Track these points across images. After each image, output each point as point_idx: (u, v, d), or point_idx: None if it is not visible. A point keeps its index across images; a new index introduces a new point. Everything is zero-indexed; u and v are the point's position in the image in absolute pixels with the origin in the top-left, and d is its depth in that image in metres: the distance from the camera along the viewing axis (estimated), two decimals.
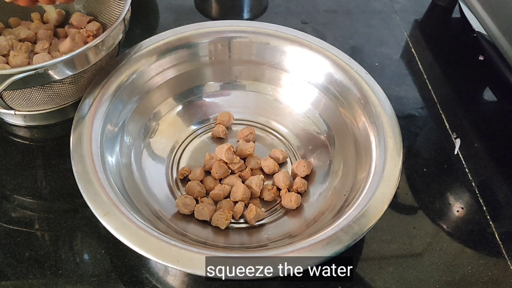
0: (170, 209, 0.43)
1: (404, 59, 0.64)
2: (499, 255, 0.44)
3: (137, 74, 0.46)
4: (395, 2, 0.74)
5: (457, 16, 0.72)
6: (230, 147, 0.46)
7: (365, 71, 0.46)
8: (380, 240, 0.44)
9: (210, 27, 0.50)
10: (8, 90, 0.42)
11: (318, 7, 0.72)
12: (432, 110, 0.57)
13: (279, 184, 0.45)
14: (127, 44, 0.49)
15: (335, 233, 0.34)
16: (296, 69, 0.50)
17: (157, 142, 0.48)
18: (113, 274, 0.40)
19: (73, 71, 0.43)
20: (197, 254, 0.32)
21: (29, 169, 0.47)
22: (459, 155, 0.52)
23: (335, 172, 0.45)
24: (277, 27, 0.51)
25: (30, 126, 0.51)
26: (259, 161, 0.47)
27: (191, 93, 0.52)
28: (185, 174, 0.46)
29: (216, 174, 0.45)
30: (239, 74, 0.53)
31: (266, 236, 0.42)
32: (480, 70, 0.64)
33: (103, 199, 0.35)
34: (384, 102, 0.44)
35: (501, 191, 0.49)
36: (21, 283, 0.39)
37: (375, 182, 0.38)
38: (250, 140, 0.49)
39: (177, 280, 0.40)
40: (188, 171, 0.46)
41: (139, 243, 0.33)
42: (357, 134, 0.44)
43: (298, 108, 0.51)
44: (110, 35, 0.44)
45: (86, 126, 0.40)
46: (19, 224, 0.43)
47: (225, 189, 0.44)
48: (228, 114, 0.51)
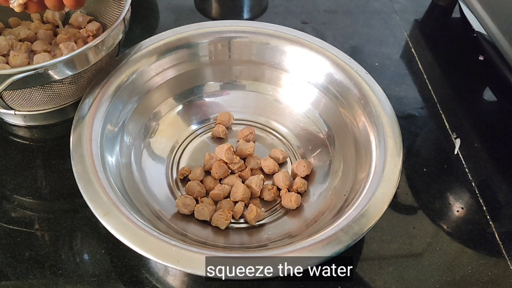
0: (170, 209, 0.43)
1: (404, 59, 0.64)
2: (499, 255, 0.44)
3: (137, 74, 0.46)
4: (395, 2, 0.74)
5: (457, 16, 0.72)
6: (230, 147, 0.46)
7: (365, 71, 0.46)
8: (380, 240, 0.44)
9: (210, 27, 0.50)
10: (8, 90, 0.42)
11: (318, 7, 0.72)
12: (432, 110, 0.57)
13: (279, 184, 0.45)
14: (127, 44, 0.49)
15: (335, 233, 0.34)
16: (296, 69, 0.50)
17: (157, 142, 0.48)
18: (113, 274, 0.40)
19: (73, 71, 0.42)
20: (197, 254, 0.32)
21: (29, 169, 0.47)
22: (459, 155, 0.52)
23: (335, 172, 0.45)
24: (277, 27, 0.51)
25: (30, 126, 0.51)
26: (259, 161, 0.47)
27: (191, 93, 0.52)
28: (185, 174, 0.46)
29: (216, 174, 0.45)
30: (239, 74, 0.53)
31: (266, 236, 0.42)
32: (480, 70, 0.64)
33: (103, 199, 0.35)
34: (384, 102, 0.44)
35: (501, 191, 0.49)
36: (21, 283, 0.39)
37: (375, 182, 0.38)
38: (250, 140, 0.49)
39: (177, 280, 0.40)
40: (188, 171, 0.46)
41: (139, 243, 0.33)
42: (357, 134, 0.44)
43: (298, 108, 0.51)
44: (110, 35, 0.44)
45: (86, 126, 0.40)
46: (19, 224, 0.43)
47: (225, 189, 0.44)
48: (228, 114, 0.51)
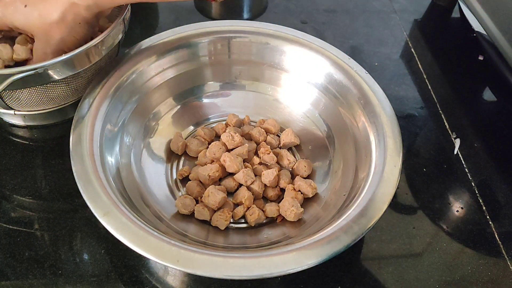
0: (170, 209, 0.43)
1: (403, 59, 0.64)
2: (499, 255, 0.44)
3: (136, 74, 0.46)
4: (394, 2, 0.74)
5: (457, 16, 0.72)
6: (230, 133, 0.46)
7: (364, 71, 0.46)
8: (380, 240, 0.44)
9: (210, 27, 0.50)
10: (7, 90, 0.42)
11: (318, 7, 0.72)
12: (431, 110, 0.57)
13: (280, 184, 0.45)
14: (126, 44, 0.49)
15: (334, 233, 0.34)
16: (295, 69, 0.50)
17: (157, 142, 0.48)
18: (113, 274, 0.40)
19: (72, 71, 0.42)
20: (197, 254, 0.32)
21: (29, 169, 0.47)
22: (459, 155, 0.52)
23: (335, 172, 0.45)
24: (276, 27, 0.51)
25: (29, 126, 0.51)
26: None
27: (191, 93, 0.52)
28: (184, 175, 0.46)
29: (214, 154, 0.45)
30: (239, 74, 0.53)
31: (265, 236, 0.42)
32: (479, 70, 0.64)
33: (103, 199, 0.35)
34: (384, 102, 0.44)
35: (501, 191, 0.49)
36: (20, 283, 0.39)
37: (374, 182, 0.38)
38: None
39: (177, 280, 0.40)
40: (188, 172, 0.46)
41: (138, 243, 0.33)
42: (357, 134, 0.44)
43: (298, 108, 0.51)
44: (109, 35, 0.44)
45: (85, 126, 0.40)
46: (18, 224, 0.43)
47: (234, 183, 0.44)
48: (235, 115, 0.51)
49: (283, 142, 0.48)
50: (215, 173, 0.44)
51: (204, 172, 0.44)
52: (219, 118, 0.52)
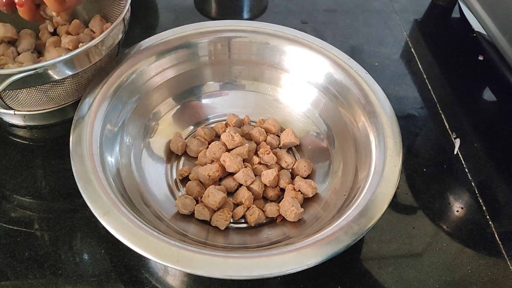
0: (170, 209, 0.43)
1: (403, 59, 0.64)
2: (499, 255, 0.44)
3: (136, 74, 0.46)
4: (395, 2, 0.74)
5: (457, 16, 0.72)
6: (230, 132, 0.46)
7: (364, 71, 0.46)
8: (380, 240, 0.44)
9: (210, 27, 0.50)
10: (7, 90, 0.42)
11: (318, 7, 0.72)
12: (431, 110, 0.57)
13: (282, 185, 0.45)
14: (126, 44, 0.49)
15: (334, 233, 0.34)
16: (295, 69, 0.50)
17: (157, 142, 0.48)
18: (112, 274, 0.40)
19: (72, 71, 0.42)
20: (197, 254, 0.32)
21: (29, 169, 0.47)
22: (459, 155, 0.52)
23: (335, 172, 0.45)
24: (276, 27, 0.51)
25: (29, 126, 0.51)
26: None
27: (191, 93, 0.52)
28: (184, 175, 0.46)
29: (213, 154, 0.45)
30: (239, 74, 0.53)
31: (265, 236, 0.42)
32: (479, 70, 0.64)
33: (103, 199, 0.35)
34: (384, 102, 0.44)
35: (501, 191, 0.49)
36: (20, 283, 0.39)
37: (374, 182, 0.38)
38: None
39: (177, 280, 0.40)
40: (188, 172, 0.46)
41: (138, 243, 0.33)
42: (357, 134, 0.44)
43: (298, 108, 0.51)
44: (109, 35, 0.44)
45: (85, 126, 0.40)
46: (18, 224, 0.43)
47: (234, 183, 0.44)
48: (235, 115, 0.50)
49: (283, 142, 0.48)
50: (215, 173, 0.44)
51: (204, 172, 0.44)
52: (219, 118, 0.52)
